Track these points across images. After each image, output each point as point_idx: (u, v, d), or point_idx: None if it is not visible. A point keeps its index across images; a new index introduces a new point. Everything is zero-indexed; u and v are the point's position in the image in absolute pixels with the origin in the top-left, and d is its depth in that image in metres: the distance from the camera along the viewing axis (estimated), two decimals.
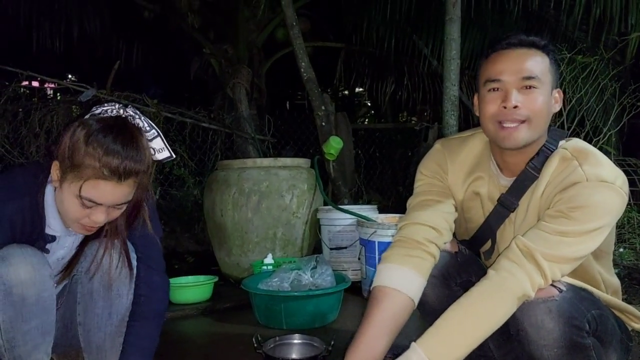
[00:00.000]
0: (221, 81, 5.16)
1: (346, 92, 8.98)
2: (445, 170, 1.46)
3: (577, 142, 1.31)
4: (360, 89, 8.55)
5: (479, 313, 1.15)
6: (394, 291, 1.29)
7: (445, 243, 1.40)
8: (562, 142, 1.31)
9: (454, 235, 1.52)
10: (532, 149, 1.30)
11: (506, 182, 1.37)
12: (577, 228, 1.17)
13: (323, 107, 3.87)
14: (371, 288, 1.34)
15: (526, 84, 1.23)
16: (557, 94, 1.32)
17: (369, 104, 9.15)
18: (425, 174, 1.49)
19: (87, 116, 1.27)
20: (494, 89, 1.27)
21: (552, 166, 1.27)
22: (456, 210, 1.47)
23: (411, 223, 1.39)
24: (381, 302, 1.28)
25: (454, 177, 1.45)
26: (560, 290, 1.17)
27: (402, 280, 1.30)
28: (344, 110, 4.87)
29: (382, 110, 7.53)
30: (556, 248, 1.17)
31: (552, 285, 1.18)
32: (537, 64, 1.25)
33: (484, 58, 1.33)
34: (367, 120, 9.03)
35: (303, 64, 3.81)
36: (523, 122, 1.24)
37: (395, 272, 1.32)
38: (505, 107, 1.24)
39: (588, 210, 1.17)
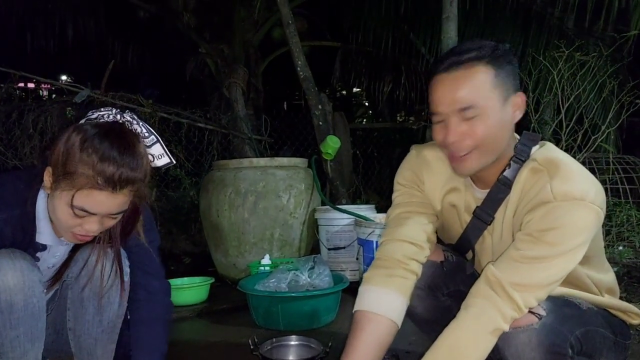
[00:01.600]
0: (217, 81, 5.13)
1: (344, 92, 8.98)
2: (421, 179, 1.41)
3: (549, 151, 1.22)
4: (358, 89, 8.54)
5: (454, 356, 1.11)
6: (377, 316, 1.26)
7: (426, 257, 1.36)
8: (534, 149, 1.23)
9: (440, 242, 1.48)
10: (500, 163, 1.24)
11: (481, 194, 1.31)
12: (548, 252, 1.11)
13: (320, 107, 3.84)
14: (354, 311, 1.31)
15: (465, 115, 1.15)
16: (519, 99, 1.20)
17: (367, 104, 9.14)
18: (402, 184, 1.44)
19: (82, 121, 1.23)
20: (437, 121, 1.21)
21: (522, 179, 1.20)
22: (437, 218, 1.43)
23: (391, 240, 1.36)
24: (365, 327, 1.26)
25: (430, 186, 1.40)
26: (540, 317, 1.12)
27: (385, 304, 1.27)
28: (342, 110, 4.84)
29: (379, 110, 7.52)
30: (528, 276, 1.12)
31: (530, 312, 1.13)
32: (474, 87, 1.14)
33: (428, 81, 1.25)
34: (365, 120, 9.02)
35: (299, 62, 3.79)
36: (472, 150, 1.18)
37: (377, 295, 1.29)
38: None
39: (558, 232, 1.11)
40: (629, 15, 3.41)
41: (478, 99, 1.14)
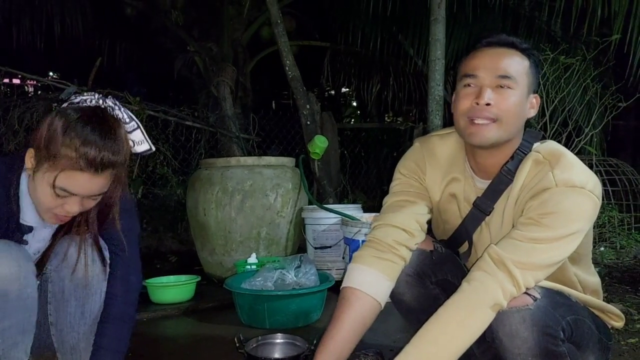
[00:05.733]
0: (206, 79, 5.12)
1: (332, 92, 8.99)
2: (423, 170, 1.45)
3: (551, 145, 1.30)
4: (347, 89, 8.55)
5: (453, 327, 1.14)
6: (363, 294, 1.29)
7: (416, 244, 1.39)
8: (536, 145, 1.30)
9: (430, 233, 1.51)
10: (504, 152, 1.29)
11: (482, 184, 1.36)
12: (548, 235, 1.17)
13: (308, 106, 3.85)
14: (342, 287, 1.35)
15: (501, 82, 1.22)
16: (534, 100, 1.30)
17: (355, 104, 9.16)
18: (403, 174, 1.47)
19: (65, 104, 1.25)
20: (469, 85, 1.26)
21: (526, 170, 1.26)
22: (431, 211, 1.46)
23: (383, 224, 1.39)
24: (351, 304, 1.29)
25: (432, 177, 1.44)
26: (535, 299, 1.16)
27: (372, 283, 1.31)
28: (330, 110, 4.86)
29: (368, 110, 7.54)
30: (528, 255, 1.16)
31: (526, 293, 1.17)
32: (514, 64, 1.24)
33: (465, 56, 1.32)
34: (353, 120, 9.04)
35: (288, 62, 3.79)
36: (494, 121, 1.23)
37: (365, 274, 1.32)
38: (477, 104, 1.23)
39: (558, 216, 1.17)
40: (612, 21, 3.47)
41: (515, 74, 1.24)
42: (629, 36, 3.48)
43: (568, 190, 1.18)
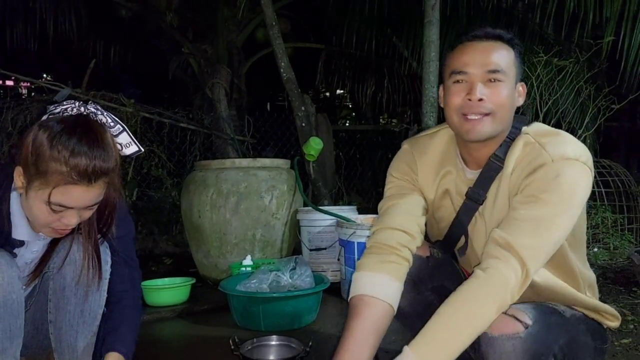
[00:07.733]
0: (200, 81, 5.12)
1: (327, 94, 9.00)
2: (415, 171, 1.44)
3: (539, 126, 1.31)
4: (341, 91, 8.57)
5: (469, 312, 1.14)
6: (373, 299, 1.27)
7: (417, 247, 1.39)
8: (524, 128, 1.31)
9: (426, 238, 1.51)
10: (496, 142, 1.30)
11: (472, 175, 1.35)
12: (549, 210, 1.17)
13: (303, 108, 3.86)
14: (349, 298, 1.32)
15: (491, 77, 1.23)
16: (521, 88, 1.32)
17: (350, 106, 9.18)
18: (396, 176, 1.47)
19: (45, 117, 1.22)
20: (459, 81, 1.26)
21: (516, 152, 1.26)
22: (427, 212, 1.46)
23: (384, 228, 1.38)
24: (362, 311, 1.26)
25: (424, 176, 1.44)
26: (526, 326, 1.15)
27: (380, 287, 1.28)
28: (325, 112, 4.86)
29: (362, 112, 7.56)
30: (533, 235, 1.16)
31: (517, 319, 1.15)
32: (502, 57, 1.25)
33: (450, 50, 1.32)
34: (347, 121, 9.06)
35: (283, 64, 3.80)
36: (487, 115, 1.24)
37: (372, 279, 1.30)
38: (470, 100, 1.23)
39: (557, 189, 1.17)
40: (604, 24, 3.49)
41: (505, 67, 1.25)
42: (622, 38, 3.50)
43: (564, 163, 1.18)
